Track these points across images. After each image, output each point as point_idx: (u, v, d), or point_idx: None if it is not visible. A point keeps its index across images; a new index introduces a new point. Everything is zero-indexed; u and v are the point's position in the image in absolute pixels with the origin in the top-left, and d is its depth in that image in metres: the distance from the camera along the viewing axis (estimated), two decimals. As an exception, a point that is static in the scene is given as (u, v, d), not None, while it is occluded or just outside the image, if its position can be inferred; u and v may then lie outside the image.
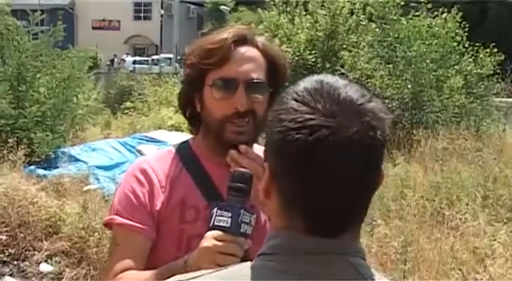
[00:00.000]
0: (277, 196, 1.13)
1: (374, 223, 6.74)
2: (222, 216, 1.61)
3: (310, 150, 1.06)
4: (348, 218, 1.12)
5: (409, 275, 5.63)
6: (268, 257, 1.13)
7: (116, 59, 40.89)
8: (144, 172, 1.87)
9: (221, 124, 1.82)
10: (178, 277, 1.20)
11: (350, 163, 1.07)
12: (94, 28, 49.22)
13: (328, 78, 1.14)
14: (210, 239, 1.60)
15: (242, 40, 1.85)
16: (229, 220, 1.60)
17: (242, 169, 1.68)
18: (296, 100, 1.10)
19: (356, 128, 1.06)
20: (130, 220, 1.82)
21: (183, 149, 1.95)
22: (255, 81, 1.82)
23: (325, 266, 1.09)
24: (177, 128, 12.73)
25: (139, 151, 10.19)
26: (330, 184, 1.07)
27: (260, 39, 1.89)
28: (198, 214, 1.84)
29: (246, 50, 1.84)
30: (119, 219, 1.84)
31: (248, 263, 1.15)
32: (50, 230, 6.72)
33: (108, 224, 1.90)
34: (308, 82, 1.13)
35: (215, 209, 1.62)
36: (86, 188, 8.19)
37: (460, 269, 5.68)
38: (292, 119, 1.08)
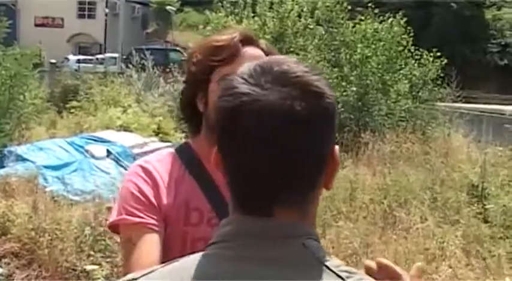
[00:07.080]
0: (225, 177, 1.13)
1: (325, 224, 6.81)
2: None
3: (230, 116, 1.08)
4: (278, 189, 1.08)
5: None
6: (217, 245, 1.10)
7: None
8: (148, 172, 1.85)
9: None
10: (131, 275, 1.17)
11: (267, 131, 1.06)
12: (37, 25, 48.24)
13: (273, 58, 1.17)
14: None
15: (248, 40, 1.89)
16: None
17: None
18: (238, 77, 1.12)
19: (274, 97, 1.06)
20: (143, 218, 1.79)
21: (184, 151, 1.93)
22: None
23: (274, 250, 1.06)
24: (125, 128, 12.59)
25: (88, 151, 10.06)
26: (251, 152, 1.07)
27: (263, 42, 1.94)
28: (201, 217, 1.83)
29: (253, 50, 1.87)
30: (132, 219, 1.80)
31: (196, 255, 1.12)
32: (-1, 231, 6.60)
33: (114, 226, 1.86)
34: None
35: None
36: (49, 188, 8.09)
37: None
38: (224, 90, 1.12)
